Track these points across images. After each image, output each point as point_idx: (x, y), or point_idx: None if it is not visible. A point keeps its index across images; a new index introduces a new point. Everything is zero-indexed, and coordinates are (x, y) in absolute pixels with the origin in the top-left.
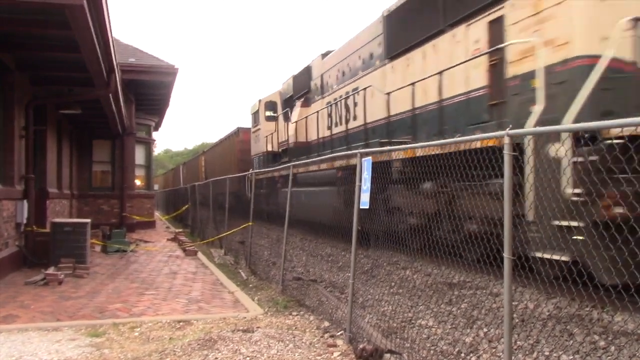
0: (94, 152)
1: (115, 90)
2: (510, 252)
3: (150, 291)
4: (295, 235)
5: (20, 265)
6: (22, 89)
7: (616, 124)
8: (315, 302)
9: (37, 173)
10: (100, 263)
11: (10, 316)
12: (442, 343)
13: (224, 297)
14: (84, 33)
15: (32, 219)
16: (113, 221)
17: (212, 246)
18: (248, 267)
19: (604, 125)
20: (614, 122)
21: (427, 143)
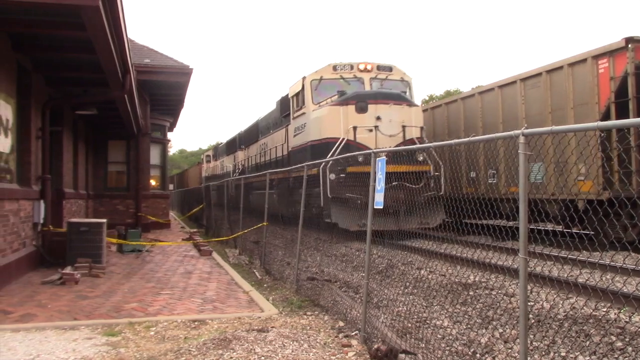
0: (109, 153)
1: (130, 91)
2: (525, 252)
3: (166, 291)
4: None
5: (38, 264)
6: (38, 90)
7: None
8: (329, 302)
9: (54, 174)
10: (116, 263)
11: (28, 315)
12: (457, 343)
13: (239, 296)
14: (99, 34)
15: (49, 219)
16: (128, 221)
17: (226, 246)
18: (262, 267)
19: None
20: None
21: (440, 143)
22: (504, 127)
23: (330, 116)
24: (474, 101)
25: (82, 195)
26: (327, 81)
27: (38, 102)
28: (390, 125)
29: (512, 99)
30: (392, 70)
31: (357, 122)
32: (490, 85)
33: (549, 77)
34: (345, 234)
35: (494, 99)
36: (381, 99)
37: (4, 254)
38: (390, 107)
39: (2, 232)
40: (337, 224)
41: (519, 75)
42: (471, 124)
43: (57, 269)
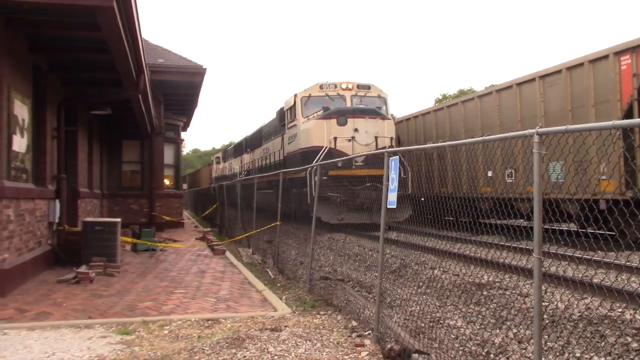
0: (123, 152)
1: (144, 91)
2: (540, 251)
3: (180, 290)
4: (322, 234)
5: (53, 263)
6: (54, 91)
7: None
8: (342, 302)
9: (69, 173)
10: (130, 262)
11: (43, 313)
12: (470, 343)
13: (252, 296)
14: (114, 34)
15: (64, 218)
16: (142, 220)
17: (240, 245)
18: (275, 266)
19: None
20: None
21: (456, 142)
22: (522, 126)
23: (316, 128)
24: (491, 99)
25: (96, 194)
26: (314, 98)
27: (53, 102)
28: (365, 135)
29: (530, 97)
30: (370, 89)
31: (338, 134)
32: (508, 83)
33: (569, 74)
34: (327, 225)
35: (512, 96)
36: (358, 113)
37: (20, 252)
38: (366, 121)
39: (18, 231)
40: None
41: (537, 72)
42: (488, 122)
43: (72, 267)
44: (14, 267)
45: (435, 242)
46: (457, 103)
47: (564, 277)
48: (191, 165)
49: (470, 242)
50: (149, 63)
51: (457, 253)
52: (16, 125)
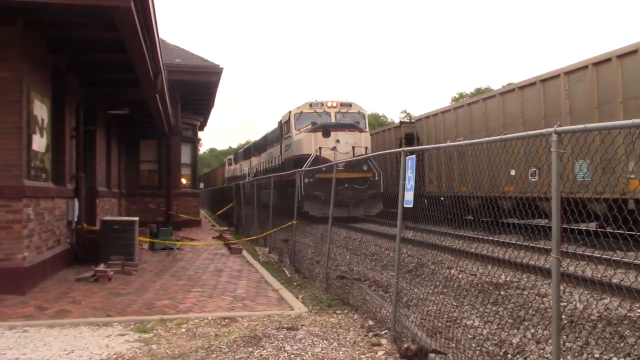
0: (141, 152)
1: (161, 90)
2: (558, 251)
3: (197, 288)
4: (339, 233)
5: (72, 262)
6: (72, 91)
7: None
8: (359, 301)
9: (87, 172)
10: (147, 260)
11: (62, 311)
12: (488, 343)
13: (269, 294)
14: (131, 35)
15: (83, 217)
16: (160, 219)
17: (256, 244)
18: (292, 265)
19: None
20: None
21: (472, 141)
22: (546, 123)
23: (306, 139)
24: (513, 96)
25: (114, 193)
26: (305, 114)
27: (72, 102)
28: (345, 145)
29: (555, 94)
30: (351, 106)
31: (322, 144)
32: (531, 80)
33: (596, 70)
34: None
35: (536, 93)
36: (339, 127)
37: (39, 251)
38: (345, 133)
39: (37, 229)
40: (309, 212)
41: (562, 68)
42: (511, 120)
43: (91, 266)
44: (34, 265)
45: (452, 242)
46: (478, 100)
47: (582, 277)
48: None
49: (487, 241)
50: (166, 63)
51: (475, 252)
52: (35, 125)
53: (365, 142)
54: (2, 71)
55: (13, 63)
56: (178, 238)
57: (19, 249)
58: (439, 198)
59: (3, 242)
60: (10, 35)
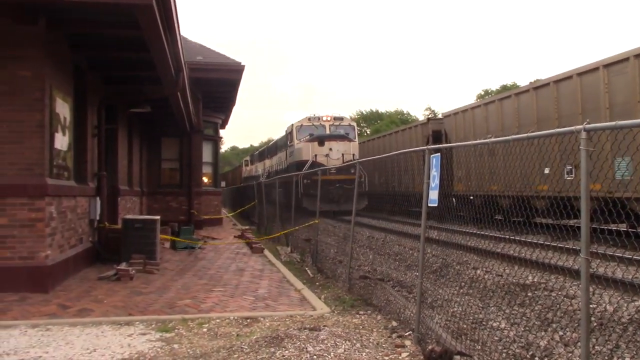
0: (162, 150)
1: (183, 88)
2: (588, 252)
3: (218, 288)
4: (362, 233)
5: (94, 260)
6: (94, 89)
7: None
8: (382, 302)
9: (109, 171)
10: (169, 259)
11: (85, 310)
12: (514, 346)
13: (291, 294)
14: (153, 32)
15: (105, 215)
16: (181, 218)
17: (278, 243)
18: (314, 265)
19: None
20: None
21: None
22: (584, 119)
23: (305, 148)
24: (548, 91)
25: (136, 192)
26: (304, 127)
27: (94, 100)
28: (336, 152)
29: (593, 88)
30: (343, 120)
31: (318, 152)
32: (567, 73)
33: (638, 62)
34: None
35: (572, 87)
36: (332, 138)
37: (62, 249)
38: (337, 143)
39: (60, 228)
40: (306, 207)
41: (601, 61)
42: (545, 116)
43: (113, 265)
44: (56, 263)
45: (478, 242)
46: (510, 96)
47: (612, 278)
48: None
49: (514, 241)
50: (188, 60)
51: (501, 253)
52: (58, 124)
53: (354, 149)
54: (24, 70)
55: (36, 62)
56: (199, 237)
57: (41, 247)
58: (467, 197)
59: (26, 240)
60: (32, 35)
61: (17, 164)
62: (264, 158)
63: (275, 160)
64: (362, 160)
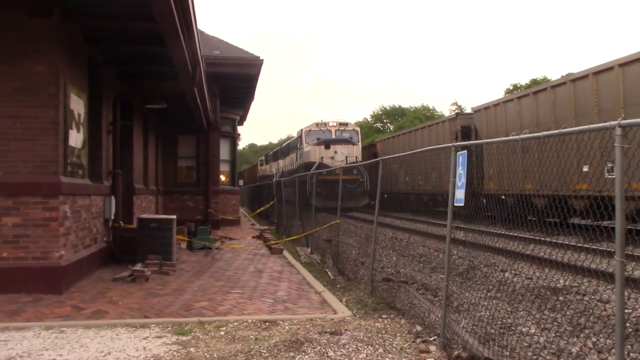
0: (179, 147)
1: (200, 83)
2: (622, 254)
3: (236, 290)
4: (385, 233)
5: (108, 261)
6: (109, 84)
7: None
8: (406, 305)
9: (124, 169)
10: (185, 260)
11: (99, 312)
12: (545, 352)
13: (311, 297)
14: (169, 26)
15: (120, 214)
16: (198, 218)
17: (298, 244)
18: (335, 267)
19: None
20: None
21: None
22: (626, 113)
23: (313, 151)
24: (586, 83)
25: (152, 190)
26: (312, 132)
27: (109, 96)
28: (341, 155)
29: (637, 80)
30: (347, 125)
31: (324, 154)
32: (608, 64)
33: None
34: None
35: (613, 80)
36: (337, 142)
37: (76, 249)
38: (341, 146)
39: (74, 227)
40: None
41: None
42: (583, 110)
43: (128, 265)
44: (70, 264)
45: (506, 243)
46: (545, 88)
47: None
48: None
49: (544, 243)
50: (205, 55)
51: (531, 255)
52: (72, 120)
53: (357, 152)
54: (38, 64)
55: (49, 56)
56: (217, 237)
57: (55, 247)
58: (499, 196)
59: (40, 240)
60: (46, 28)
61: (30, 161)
62: (277, 158)
63: (287, 161)
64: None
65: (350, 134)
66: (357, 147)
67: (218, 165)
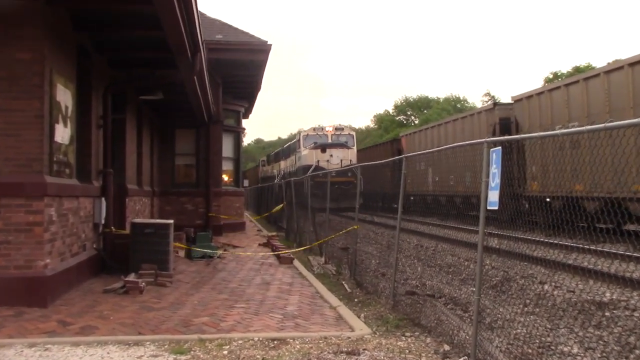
0: (176, 143)
1: (200, 71)
2: None
3: (241, 304)
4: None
5: (99, 270)
6: (100, 74)
7: None
8: (432, 322)
9: (116, 167)
10: (184, 270)
11: (88, 327)
12: None
13: (325, 312)
14: (166, 7)
15: (111, 219)
16: (198, 222)
17: (310, 253)
18: (352, 278)
19: None
20: None
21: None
22: None
23: (310, 154)
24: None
25: (146, 192)
26: (310, 136)
27: (99, 86)
28: (336, 158)
29: None
30: (343, 129)
31: (320, 158)
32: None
33: None
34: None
35: None
36: (333, 146)
37: (62, 257)
38: (337, 150)
39: (61, 233)
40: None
41: None
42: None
43: (120, 275)
44: (57, 274)
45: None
46: (598, 74)
47: None
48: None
49: (589, 251)
50: (206, 40)
51: (573, 265)
52: (59, 113)
53: (351, 156)
54: (22, 52)
55: (34, 42)
56: (219, 245)
57: (40, 255)
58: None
59: (22, 247)
60: (30, 11)
61: (12, 159)
62: (279, 159)
63: (289, 163)
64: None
65: (346, 138)
66: (352, 151)
67: (220, 163)
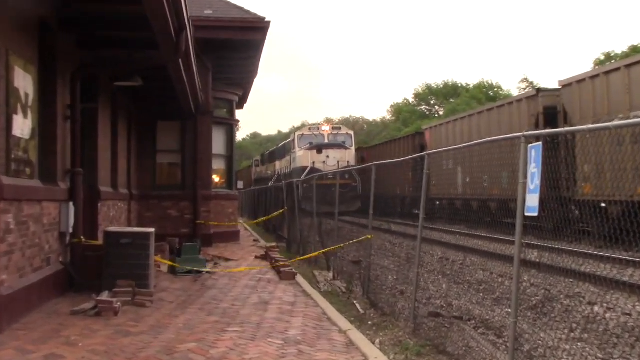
0: (158, 138)
1: (186, 53)
2: None
3: (234, 327)
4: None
5: (66, 288)
6: (66, 55)
7: None
8: (460, 348)
9: (86, 167)
10: (167, 287)
11: (53, 356)
12: None
13: (333, 337)
14: None
15: (80, 227)
16: (183, 231)
17: (315, 267)
18: (366, 297)
19: None
20: None
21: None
22: None
23: (305, 155)
24: None
25: (123, 195)
26: (305, 136)
27: (66, 70)
28: (333, 160)
29: None
30: (340, 129)
31: (316, 159)
32: None
33: None
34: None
35: None
36: (329, 146)
37: (22, 273)
38: (333, 151)
39: (20, 244)
40: (305, 208)
41: None
42: None
43: (91, 294)
44: (15, 292)
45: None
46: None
47: None
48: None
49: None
50: (193, 16)
51: (629, 282)
52: (18, 102)
53: (349, 156)
54: None
55: None
56: (208, 257)
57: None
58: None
59: None
60: None
61: None
62: (274, 160)
63: (284, 163)
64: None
65: (343, 138)
66: (349, 152)
67: (210, 161)
